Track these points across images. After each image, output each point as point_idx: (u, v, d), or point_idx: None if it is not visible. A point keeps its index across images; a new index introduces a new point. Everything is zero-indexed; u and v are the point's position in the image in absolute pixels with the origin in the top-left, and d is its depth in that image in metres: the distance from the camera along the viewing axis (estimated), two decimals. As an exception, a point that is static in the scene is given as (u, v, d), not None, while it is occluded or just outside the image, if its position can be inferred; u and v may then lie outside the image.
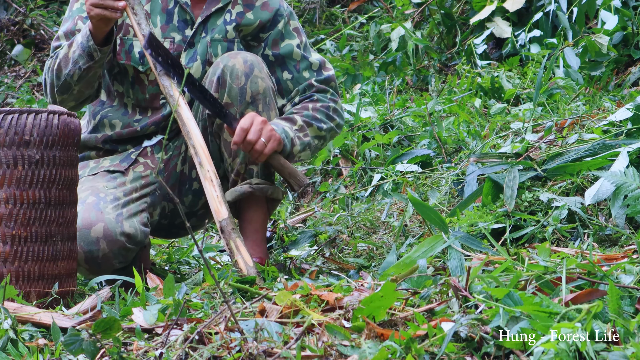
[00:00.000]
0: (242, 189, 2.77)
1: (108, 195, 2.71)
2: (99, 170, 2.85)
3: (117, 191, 2.76)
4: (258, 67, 2.74)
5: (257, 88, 2.74)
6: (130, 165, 2.85)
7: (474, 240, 2.27)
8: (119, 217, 2.66)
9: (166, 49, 2.69)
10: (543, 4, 4.61)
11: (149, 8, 2.86)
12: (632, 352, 1.49)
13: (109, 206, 2.68)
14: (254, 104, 2.74)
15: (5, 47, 6.97)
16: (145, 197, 2.82)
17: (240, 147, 2.68)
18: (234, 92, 2.73)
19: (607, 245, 2.52)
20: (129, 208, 2.73)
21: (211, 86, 2.75)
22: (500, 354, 1.59)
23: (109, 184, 2.78)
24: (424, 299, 1.88)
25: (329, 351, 1.65)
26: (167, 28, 2.86)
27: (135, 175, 2.84)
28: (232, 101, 2.73)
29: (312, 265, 2.96)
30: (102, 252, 2.62)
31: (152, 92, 2.86)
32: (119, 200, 2.72)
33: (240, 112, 2.73)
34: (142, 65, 2.85)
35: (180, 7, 2.87)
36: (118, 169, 2.83)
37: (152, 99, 2.87)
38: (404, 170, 3.48)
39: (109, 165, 2.86)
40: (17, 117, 2.35)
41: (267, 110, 2.76)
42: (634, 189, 2.31)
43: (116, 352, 1.75)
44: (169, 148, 2.90)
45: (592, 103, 3.63)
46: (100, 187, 2.75)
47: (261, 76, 2.74)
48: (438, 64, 5.15)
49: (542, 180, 2.81)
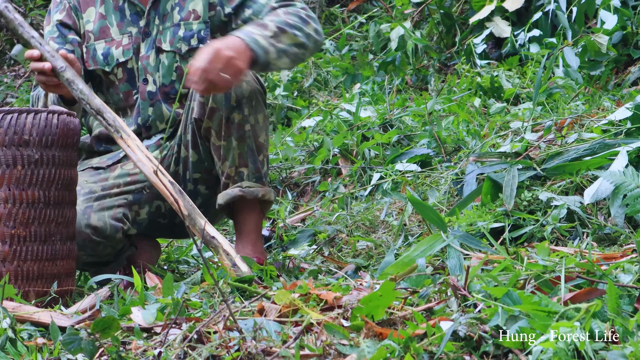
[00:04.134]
0: (233, 192, 2.77)
1: (83, 189, 2.75)
2: (85, 167, 2.88)
3: (95, 186, 2.79)
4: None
5: (242, 92, 2.73)
6: (116, 162, 2.88)
7: (473, 240, 2.27)
8: (87, 210, 2.69)
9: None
10: (542, 4, 4.61)
11: (103, 10, 2.92)
12: (631, 351, 1.48)
13: (80, 198, 2.70)
14: (240, 108, 2.73)
15: (4, 47, 6.97)
16: (127, 194, 2.83)
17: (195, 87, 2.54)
18: (219, 97, 2.72)
19: (606, 245, 2.52)
20: (102, 202, 2.75)
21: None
22: (499, 353, 1.59)
23: (89, 178, 2.82)
24: (423, 298, 1.87)
25: (327, 350, 1.65)
26: (123, 24, 2.91)
27: (122, 172, 2.86)
28: (217, 105, 2.73)
29: (311, 264, 2.96)
30: None
31: (124, 89, 2.92)
32: (93, 194, 2.75)
33: (225, 116, 2.73)
34: (107, 65, 2.90)
35: (129, 2, 2.92)
36: (101, 166, 2.86)
37: (127, 97, 2.92)
38: (404, 170, 3.48)
39: (96, 162, 2.90)
40: (17, 116, 2.35)
41: (253, 114, 2.75)
42: (633, 188, 2.31)
43: (115, 351, 1.75)
44: (164, 147, 2.91)
45: (592, 102, 3.62)
46: (81, 182, 2.78)
47: (246, 79, 2.73)
48: (437, 63, 5.14)
49: (542, 179, 2.81)
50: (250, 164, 2.77)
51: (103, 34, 2.91)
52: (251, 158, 2.77)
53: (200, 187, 2.90)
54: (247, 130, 2.74)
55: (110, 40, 2.90)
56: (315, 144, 4.21)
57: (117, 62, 2.90)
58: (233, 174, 2.77)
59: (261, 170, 2.79)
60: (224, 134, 2.74)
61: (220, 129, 2.74)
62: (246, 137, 2.75)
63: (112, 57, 2.90)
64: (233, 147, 2.75)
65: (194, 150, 2.85)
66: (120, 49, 2.90)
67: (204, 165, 2.87)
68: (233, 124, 2.73)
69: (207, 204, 2.93)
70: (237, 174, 2.77)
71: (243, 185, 2.77)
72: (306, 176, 4.13)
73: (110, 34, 2.90)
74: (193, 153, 2.85)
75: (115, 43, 2.90)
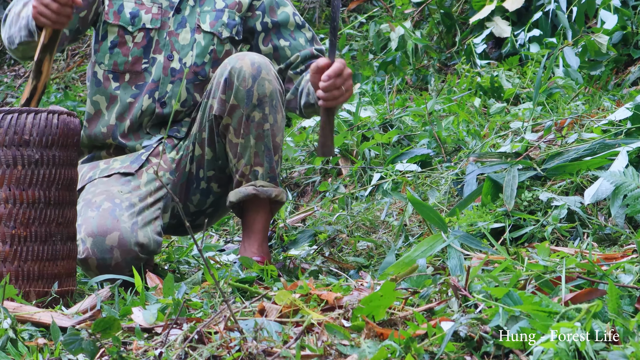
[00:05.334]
0: (246, 190, 2.78)
1: (124, 202, 2.71)
2: (110, 172, 2.85)
3: (132, 196, 2.76)
4: (265, 69, 2.74)
5: (264, 90, 2.74)
6: (141, 167, 2.86)
7: (474, 240, 2.27)
8: (134, 227, 2.66)
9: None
10: (542, 4, 4.61)
11: None
12: (632, 351, 1.49)
13: (124, 214, 2.68)
14: (261, 107, 2.74)
15: (4, 47, 6.97)
16: (159, 201, 2.82)
17: (327, 83, 2.65)
18: (241, 95, 2.74)
19: (607, 245, 2.52)
20: (144, 215, 2.73)
21: (218, 87, 2.76)
22: (500, 353, 1.59)
23: (123, 188, 2.78)
24: (424, 299, 1.88)
25: (328, 350, 1.65)
26: None
27: (149, 177, 2.84)
28: (238, 103, 2.74)
29: (311, 264, 2.96)
30: (115, 260, 2.62)
31: (136, 54, 2.90)
32: (135, 207, 2.72)
33: (246, 114, 2.74)
34: (132, 25, 2.89)
35: None
36: (129, 171, 2.84)
37: (134, 62, 2.90)
38: (404, 170, 3.48)
39: (120, 167, 2.86)
40: (17, 116, 2.35)
41: (273, 113, 2.77)
42: (634, 188, 2.31)
43: (116, 352, 1.75)
44: (180, 148, 2.92)
45: (592, 102, 3.62)
46: (115, 192, 2.75)
47: (268, 78, 2.75)
48: (437, 63, 5.14)
49: (542, 179, 2.81)
50: (265, 163, 2.78)
51: None
52: (267, 157, 2.78)
53: (213, 184, 2.91)
54: (265, 130, 2.76)
55: (141, 4, 2.90)
56: (315, 144, 4.21)
57: (142, 26, 2.89)
58: (248, 172, 2.78)
59: (275, 170, 2.80)
60: (242, 132, 2.76)
61: (240, 126, 2.76)
62: (264, 136, 2.76)
63: (140, 19, 2.89)
64: (250, 146, 2.76)
65: (209, 147, 2.86)
66: (150, 15, 2.89)
67: (218, 164, 2.88)
68: (253, 122, 2.75)
69: (217, 203, 2.95)
70: (252, 172, 2.78)
71: (257, 184, 2.78)
72: (306, 176, 4.13)
73: None
74: (208, 151, 2.86)
75: (145, 8, 2.90)
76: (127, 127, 2.91)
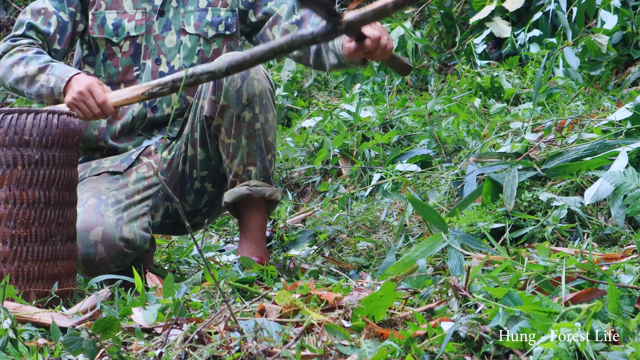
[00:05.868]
0: (240, 190, 2.78)
1: (109, 198, 2.72)
2: (100, 171, 2.86)
3: (119, 193, 2.77)
4: (254, 69, 2.74)
5: (253, 90, 2.74)
6: (131, 166, 2.87)
7: (474, 240, 2.27)
8: (119, 222, 2.67)
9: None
10: (542, 4, 4.61)
11: None
12: (632, 351, 1.49)
13: (109, 209, 2.68)
14: (251, 106, 2.74)
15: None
16: (148, 199, 2.83)
17: (376, 52, 2.56)
18: (230, 95, 2.74)
19: (607, 245, 2.52)
20: (130, 212, 2.74)
21: (208, 88, 2.77)
22: (500, 353, 1.59)
23: (111, 185, 2.79)
24: (424, 299, 1.88)
25: (328, 351, 1.65)
26: (137, 0, 2.92)
27: (138, 176, 2.85)
28: (228, 103, 2.74)
29: (311, 264, 2.96)
30: (99, 255, 2.63)
31: (126, 64, 2.91)
32: (120, 204, 2.73)
33: (236, 114, 2.74)
34: (116, 36, 2.89)
35: None
36: (118, 170, 2.85)
37: (125, 72, 2.91)
38: (404, 170, 3.48)
39: (110, 165, 2.88)
40: (17, 116, 2.35)
41: (264, 112, 2.77)
42: (634, 188, 2.31)
43: (116, 352, 1.75)
44: (172, 148, 2.92)
45: (592, 103, 3.62)
46: (102, 189, 2.76)
47: (257, 78, 2.74)
48: (437, 63, 5.14)
49: (542, 179, 2.81)
50: (258, 163, 2.78)
51: (115, 4, 2.91)
52: (260, 157, 2.78)
53: (207, 185, 2.92)
54: (257, 129, 2.76)
55: (123, 12, 2.91)
56: (315, 144, 4.21)
57: (127, 35, 2.90)
58: (241, 172, 2.79)
59: (269, 169, 2.80)
60: (234, 132, 2.76)
61: (231, 126, 2.76)
62: (256, 136, 2.77)
63: (123, 29, 2.89)
64: (242, 145, 2.77)
65: (202, 148, 2.86)
66: (133, 22, 2.90)
67: (211, 164, 2.88)
68: (244, 122, 2.75)
69: (213, 202, 2.95)
70: (245, 172, 2.79)
71: (251, 184, 2.78)
72: (306, 176, 4.13)
73: (123, 6, 2.91)
74: (201, 151, 2.87)
75: (128, 16, 2.90)
76: (118, 131, 2.92)
